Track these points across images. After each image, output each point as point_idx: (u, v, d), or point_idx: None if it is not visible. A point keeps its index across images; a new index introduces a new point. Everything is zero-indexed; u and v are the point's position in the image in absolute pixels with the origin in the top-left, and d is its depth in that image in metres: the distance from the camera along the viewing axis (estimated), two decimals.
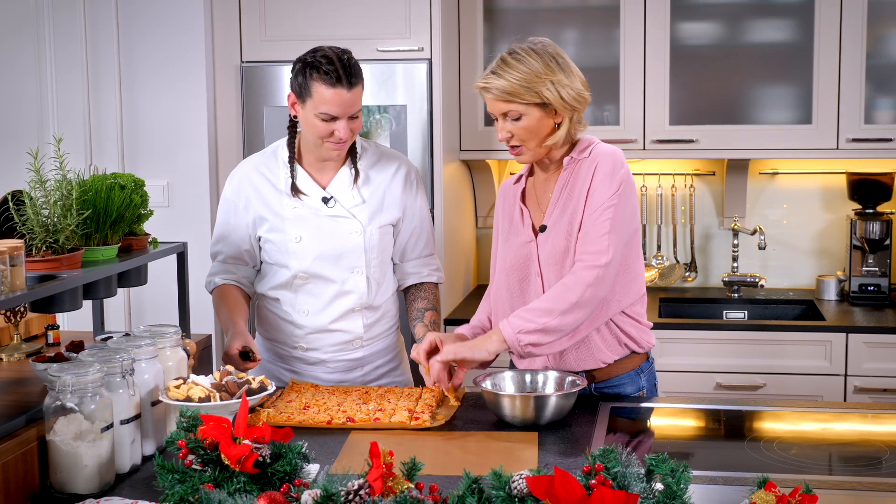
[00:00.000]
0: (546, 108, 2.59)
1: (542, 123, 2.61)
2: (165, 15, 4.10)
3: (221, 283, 3.02)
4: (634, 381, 2.77)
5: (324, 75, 2.76)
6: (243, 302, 2.99)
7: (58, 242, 2.40)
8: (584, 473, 1.72)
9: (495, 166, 4.70)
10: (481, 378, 2.63)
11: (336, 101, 2.77)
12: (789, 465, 2.25)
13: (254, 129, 4.16)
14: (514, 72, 2.57)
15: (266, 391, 2.43)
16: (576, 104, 2.61)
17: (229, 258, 3.03)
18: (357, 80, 2.80)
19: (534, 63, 2.57)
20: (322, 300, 2.97)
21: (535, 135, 2.62)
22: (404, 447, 2.27)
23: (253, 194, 2.98)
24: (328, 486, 1.77)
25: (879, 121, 4.21)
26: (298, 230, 2.93)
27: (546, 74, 2.57)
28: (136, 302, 4.20)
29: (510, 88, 2.57)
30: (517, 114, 2.59)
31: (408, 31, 4.07)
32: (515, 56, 2.59)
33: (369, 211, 2.95)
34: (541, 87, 2.56)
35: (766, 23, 4.26)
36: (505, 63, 2.59)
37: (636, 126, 4.29)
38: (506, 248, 2.78)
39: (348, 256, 2.94)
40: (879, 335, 3.95)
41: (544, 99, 2.57)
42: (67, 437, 2.06)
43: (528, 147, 2.64)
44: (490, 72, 2.62)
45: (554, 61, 2.59)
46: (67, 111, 4.15)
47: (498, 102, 2.61)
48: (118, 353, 2.21)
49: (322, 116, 2.79)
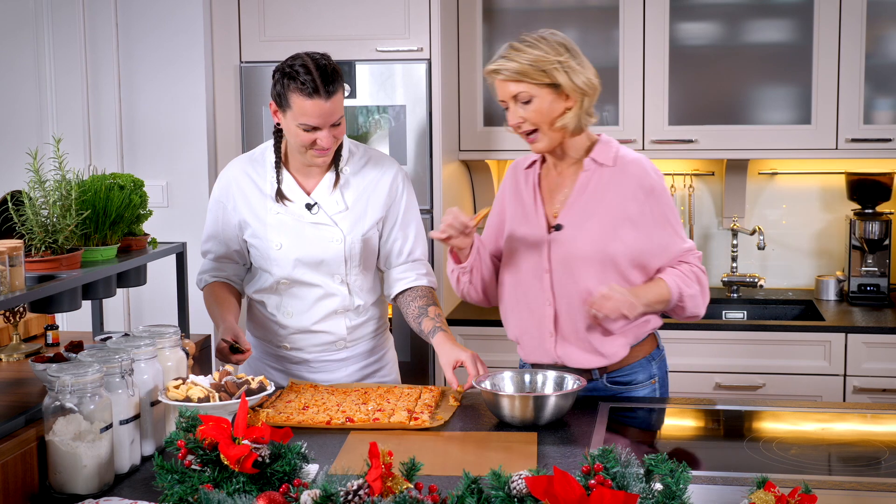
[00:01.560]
0: (557, 91, 2.60)
1: (553, 107, 2.62)
2: (164, 15, 4.09)
3: (211, 280, 3.04)
4: (646, 368, 2.79)
5: (301, 86, 2.71)
6: (232, 298, 3.00)
7: (57, 243, 2.40)
8: (584, 473, 1.72)
9: (494, 166, 4.70)
10: (480, 378, 2.63)
11: (315, 113, 2.73)
12: (788, 465, 2.25)
13: (253, 130, 4.16)
14: (524, 55, 2.59)
15: (265, 391, 2.43)
16: (587, 88, 2.62)
17: (219, 257, 3.04)
18: (336, 88, 2.74)
19: (544, 47, 2.60)
20: (306, 302, 2.97)
21: (546, 118, 2.62)
22: (403, 447, 2.27)
23: (239, 196, 2.97)
24: (327, 487, 1.77)
25: (878, 121, 4.21)
26: (279, 237, 2.92)
27: (555, 56, 2.59)
28: (136, 302, 4.20)
29: (520, 69, 2.59)
30: (528, 96, 2.61)
31: (407, 31, 4.07)
32: (526, 42, 2.62)
33: (352, 218, 2.93)
34: (551, 69, 2.58)
35: (765, 23, 4.26)
36: (514, 48, 2.62)
37: (635, 126, 4.29)
38: (515, 232, 2.78)
39: (329, 264, 2.93)
40: (879, 335, 3.95)
41: (555, 80, 2.59)
42: (67, 438, 2.06)
43: (542, 132, 2.64)
44: (500, 56, 2.63)
45: (563, 48, 2.61)
46: (67, 111, 4.15)
47: (508, 83, 2.62)
48: (117, 354, 2.21)
49: (303, 127, 2.76)
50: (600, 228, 2.65)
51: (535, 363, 2.81)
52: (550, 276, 2.70)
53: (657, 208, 2.67)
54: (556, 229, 2.70)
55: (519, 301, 2.78)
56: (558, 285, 2.70)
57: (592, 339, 2.71)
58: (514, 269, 2.77)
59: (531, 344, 2.79)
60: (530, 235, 2.73)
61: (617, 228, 2.65)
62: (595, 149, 2.71)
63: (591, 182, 2.68)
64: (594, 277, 2.65)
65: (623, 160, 2.69)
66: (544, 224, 2.72)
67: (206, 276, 3.05)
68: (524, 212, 2.77)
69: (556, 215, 2.72)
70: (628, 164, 2.68)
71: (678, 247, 2.70)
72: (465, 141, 4.41)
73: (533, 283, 2.73)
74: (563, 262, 2.68)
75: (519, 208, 2.79)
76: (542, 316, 2.74)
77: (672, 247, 2.69)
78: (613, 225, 2.65)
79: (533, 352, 2.80)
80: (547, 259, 2.70)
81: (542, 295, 2.72)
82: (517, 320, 2.81)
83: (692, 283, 2.67)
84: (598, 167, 2.69)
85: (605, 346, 2.71)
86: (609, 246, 2.65)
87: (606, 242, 2.65)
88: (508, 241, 2.79)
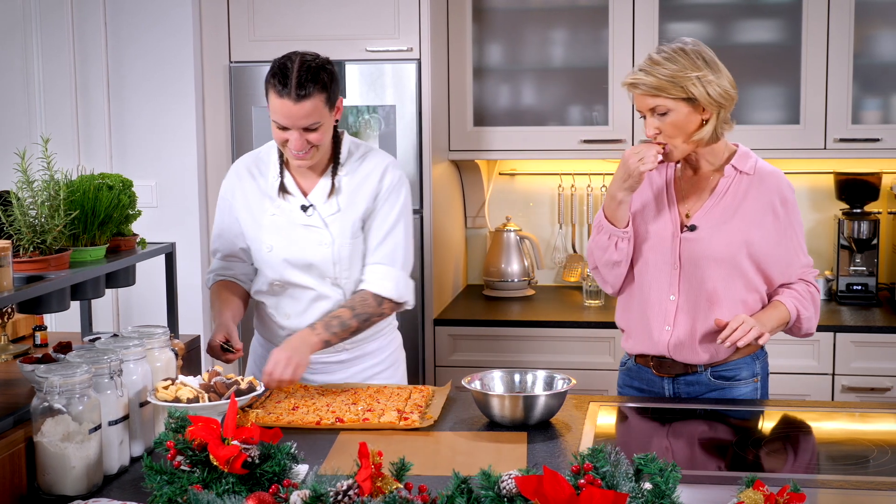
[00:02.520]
0: (693, 104, 2.65)
1: (689, 119, 2.66)
2: (153, 15, 4.09)
3: (218, 279, 3.04)
4: (750, 366, 2.83)
5: (276, 84, 2.72)
6: (234, 297, 2.99)
7: (45, 243, 2.40)
8: (573, 473, 1.72)
9: (484, 166, 4.70)
10: (470, 378, 2.63)
11: (283, 113, 2.73)
12: (777, 463, 2.25)
13: (242, 130, 4.16)
14: (661, 68, 2.63)
15: (255, 392, 2.42)
16: (722, 101, 2.67)
17: (226, 256, 3.04)
18: (308, 94, 2.70)
19: (681, 60, 2.64)
20: (302, 303, 2.96)
21: (682, 130, 2.67)
22: (393, 448, 2.27)
23: (241, 196, 2.98)
24: (317, 487, 1.77)
25: (867, 121, 4.23)
26: (271, 239, 2.92)
27: (693, 71, 2.63)
28: (125, 303, 4.19)
29: (657, 84, 2.63)
30: (664, 109, 2.65)
31: (397, 31, 4.07)
32: (663, 54, 2.66)
33: (343, 220, 2.91)
34: (687, 83, 2.62)
35: (753, 23, 4.26)
36: (653, 61, 2.66)
37: (625, 126, 4.30)
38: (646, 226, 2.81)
39: (318, 267, 2.92)
40: (867, 334, 3.96)
41: (690, 94, 2.63)
42: (55, 439, 2.06)
43: (674, 144, 2.68)
44: (638, 69, 2.68)
45: (701, 59, 2.66)
46: (55, 111, 4.14)
47: (646, 98, 2.66)
48: (106, 354, 2.21)
49: (275, 123, 2.77)
50: (734, 233, 2.72)
51: (641, 354, 2.86)
52: (679, 272, 2.76)
53: (786, 220, 2.75)
54: (690, 230, 2.75)
55: (642, 291, 2.83)
56: (685, 282, 2.75)
57: (707, 340, 2.76)
58: (643, 261, 2.81)
59: (642, 335, 2.83)
60: (662, 231, 2.79)
61: (749, 235, 2.72)
62: (736, 157, 2.77)
63: (729, 188, 2.75)
64: (721, 279, 2.73)
65: (762, 171, 2.77)
66: (678, 222, 2.78)
67: (213, 276, 3.06)
68: (656, 207, 2.82)
69: (688, 215, 2.78)
70: (767, 175, 2.77)
71: (799, 261, 2.79)
72: (455, 141, 4.41)
73: (659, 277, 2.79)
74: (692, 261, 2.74)
75: (650, 203, 2.84)
76: (664, 309, 2.78)
77: (794, 260, 2.78)
78: (746, 231, 2.72)
79: (641, 342, 2.84)
80: (678, 256, 2.76)
81: (667, 288, 2.77)
82: (635, 310, 2.85)
83: (808, 304, 2.78)
84: (738, 175, 2.75)
85: (719, 347, 2.75)
86: (740, 251, 2.71)
87: (738, 247, 2.71)
88: (639, 235, 2.83)
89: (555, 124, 4.40)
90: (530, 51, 4.42)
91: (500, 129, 4.40)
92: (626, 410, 2.71)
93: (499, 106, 4.45)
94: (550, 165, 4.72)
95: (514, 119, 4.43)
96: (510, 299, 4.51)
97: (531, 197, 4.81)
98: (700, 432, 2.60)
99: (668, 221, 2.79)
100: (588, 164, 4.66)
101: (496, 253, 4.58)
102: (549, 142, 4.37)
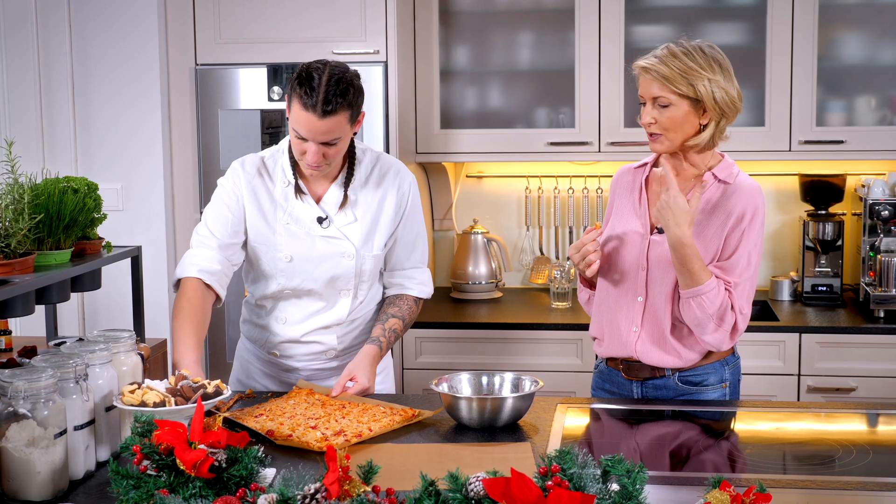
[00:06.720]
0: (696, 105, 2.67)
1: (686, 119, 2.68)
2: (118, 17, 4.06)
3: (196, 276, 2.80)
4: (719, 371, 2.83)
5: (302, 95, 2.64)
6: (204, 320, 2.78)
7: (9, 247, 2.38)
8: (541, 475, 1.72)
9: (451, 169, 4.70)
10: (438, 381, 2.63)
11: (306, 126, 2.66)
12: (744, 464, 2.27)
13: (209, 133, 4.14)
14: (677, 61, 2.66)
15: (222, 395, 2.41)
16: (726, 108, 2.69)
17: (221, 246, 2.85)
18: (334, 110, 2.64)
19: (698, 59, 2.66)
20: (304, 312, 2.93)
21: (678, 128, 2.69)
22: (362, 455, 2.26)
23: (251, 193, 2.87)
24: (284, 491, 1.77)
25: (831, 123, 4.26)
26: (290, 249, 2.87)
27: (706, 71, 2.65)
28: (90, 307, 4.16)
29: (669, 74, 2.65)
30: (667, 101, 2.67)
31: (363, 33, 4.06)
32: (682, 48, 2.68)
33: (362, 232, 2.88)
34: (697, 82, 2.65)
35: (719, 26, 4.29)
36: (671, 52, 2.68)
37: (591, 128, 4.31)
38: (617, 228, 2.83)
39: (340, 279, 2.90)
40: (832, 335, 3.99)
41: (698, 94, 2.65)
42: (20, 444, 2.04)
43: (667, 137, 2.70)
44: (654, 56, 2.70)
45: (717, 63, 2.68)
46: (20, 114, 4.11)
47: (653, 84, 2.68)
48: (71, 359, 2.19)
49: (295, 133, 2.71)
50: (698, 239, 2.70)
51: (611, 357, 2.87)
52: (647, 274, 2.77)
53: (747, 235, 2.71)
54: (660, 232, 2.76)
55: (609, 294, 2.85)
56: (652, 283, 2.77)
57: (673, 341, 2.76)
58: (612, 263, 2.84)
59: (611, 337, 2.84)
60: (632, 233, 2.81)
61: (712, 242, 2.71)
62: (719, 165, 2.78)
63: (709, 200, 2.75)
64: None
65: (741, 183, 2.76)
66: (648, 224, 2.80)
67: (196, 269, 2.81)
68: (629, 208, 2.85)
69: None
70: (744, 188, 2.74)
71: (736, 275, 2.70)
72: (422, 143, 4.41)
73: (627, 278, 2.80)
74: (658, 264, 2.75)
75: (625, 203, 2.86)
76: (631, 311, 2.80)
77: (732, 272, 2.70)
78: (710, 238, 2.72)
79: (611, 345, 2.85)
80: (645, 258, 2.77)
81: (634, 290, 2.79)
82: (604, 312, 2.87)
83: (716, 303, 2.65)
84: (715, 183, 2.76)
85: (683, 350, 2.77)
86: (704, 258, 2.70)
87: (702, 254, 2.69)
88: (611, 235, 2.85)
89: (522, 127, 4.41)
90: (497, 53, 4.43)
91: (466, 132, 4.40)
92: (594, 412, 2.72)
93: (466, 108, 4.45)
94: (517, 168, 4.73)
95: (480, 121, 4.44)
96: (477, 301, 4.52)
97: (498, 199, 4.81)
98: (668, 433, 2.61)
99: (637, 224, 2.81)
100: (555, 166, 4.67)
101: (463, 255, 4.59)
102: (516, 144, 4.37)
